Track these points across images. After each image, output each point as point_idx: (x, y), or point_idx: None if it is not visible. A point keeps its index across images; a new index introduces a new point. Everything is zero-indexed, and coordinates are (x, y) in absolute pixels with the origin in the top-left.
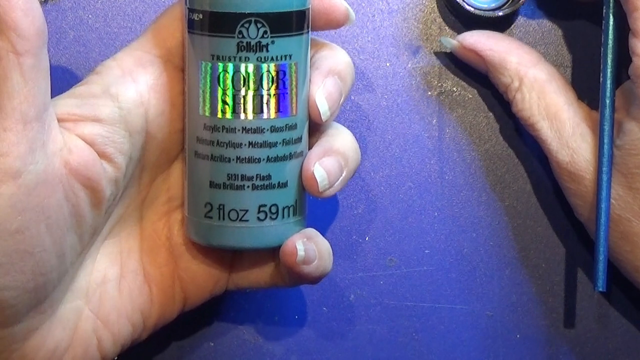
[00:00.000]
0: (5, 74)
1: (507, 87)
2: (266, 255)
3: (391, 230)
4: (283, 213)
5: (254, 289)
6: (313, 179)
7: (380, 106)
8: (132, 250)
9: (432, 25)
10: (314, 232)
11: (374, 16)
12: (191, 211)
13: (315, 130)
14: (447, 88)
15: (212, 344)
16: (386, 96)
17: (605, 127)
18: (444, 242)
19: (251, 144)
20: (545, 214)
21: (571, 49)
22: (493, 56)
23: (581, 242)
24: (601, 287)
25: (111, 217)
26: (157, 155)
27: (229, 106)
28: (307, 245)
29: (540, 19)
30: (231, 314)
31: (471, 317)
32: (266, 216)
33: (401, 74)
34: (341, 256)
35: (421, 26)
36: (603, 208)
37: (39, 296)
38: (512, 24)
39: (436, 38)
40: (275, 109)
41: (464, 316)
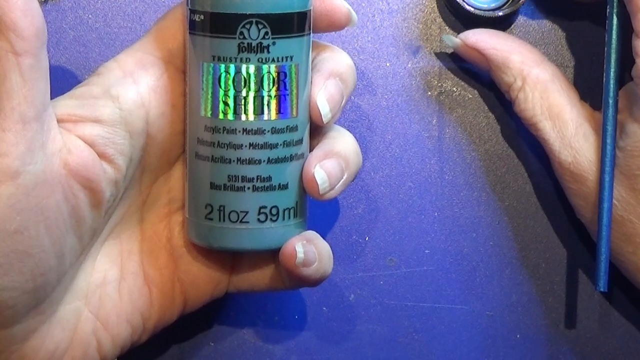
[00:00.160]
0: (4, 74)
1: (510, 86)
2: (267, 258)
3: (391, 230)
4: (283, 215)
5: (254, 291)
6: (314, 181)
7: (380, 106)
8: (132, 252)
9: (432, 25)
10: (314, 235)
11: (374, 16)
12: (191, 212)
13: (316, 132)
14: (447, 88)
15: (212, 344)
16: (386, 96)
17: (608, 128)
18: (444, 242)
19: (252, 145)
20: (545, 214)
21: (571, 49)
22: (496, 55)
23: (581, 242)
24: (602, 287)
25: (111, 218)
26: (158, 156)
27: (230, 107)
28: (307, 248)
29: (540, 19)
30: (231, 314)
31: (471, 317)
32: (266, 218)
33: (401, 74)
34: (341, 256)
35: (421, 26)
36: (605, 208)
37: (38, 297)
38: (512, 24)
39: (436, 38)
40: (276, 110)
41: (464, 316)
